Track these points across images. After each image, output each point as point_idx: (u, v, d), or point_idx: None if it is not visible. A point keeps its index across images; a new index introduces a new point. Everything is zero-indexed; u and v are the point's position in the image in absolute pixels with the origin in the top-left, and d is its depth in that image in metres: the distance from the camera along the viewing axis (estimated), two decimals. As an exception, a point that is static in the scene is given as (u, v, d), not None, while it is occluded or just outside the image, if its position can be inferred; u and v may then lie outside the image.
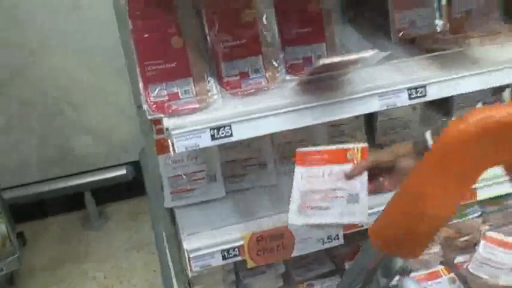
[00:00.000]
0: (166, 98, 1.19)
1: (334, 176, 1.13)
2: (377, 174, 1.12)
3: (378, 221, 0.63)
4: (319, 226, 1.13)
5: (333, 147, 1.16)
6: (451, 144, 0.58)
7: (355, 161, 1.12)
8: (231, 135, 1.16)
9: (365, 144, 1.14)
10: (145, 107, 1.18)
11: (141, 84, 1.19)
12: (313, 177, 1.14)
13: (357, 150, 1.14)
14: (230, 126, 1.16)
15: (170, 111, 1.18)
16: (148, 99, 1.19)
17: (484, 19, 1.47)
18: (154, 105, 1.19)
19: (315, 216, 1.11)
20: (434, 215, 0.59)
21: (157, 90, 1.20)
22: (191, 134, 1.13)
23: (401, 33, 1.44)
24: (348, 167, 1.12)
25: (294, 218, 1.12)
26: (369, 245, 0.64)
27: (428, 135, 1.03)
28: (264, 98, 1.21)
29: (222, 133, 1.15)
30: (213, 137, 1.15)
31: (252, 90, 1.23)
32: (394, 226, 0.62)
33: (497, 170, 0.66)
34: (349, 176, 1.10)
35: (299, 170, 1.16)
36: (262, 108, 1.18)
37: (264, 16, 1.27)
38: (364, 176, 1.09)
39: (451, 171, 0.58)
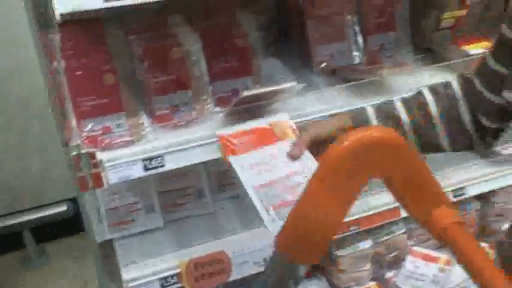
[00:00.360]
0: (100, 132, 1.24)
1: (278, 160, 1.00)
2: (317, 149, 1.02)
3: (282, 229, 0.71)
4: None
5: (254, 124, 1.05)
6: (332, 161, 0.67)
7: (287, 136, 1.03)
8: (163, 165, 1.22)
9: (285, 115, 1.07)
10: (78, 141, 1.22)
11: (74, 120, 1.23)
12: (256, 165, 0.98)
13: (280, 122, 1.06)
14: (162, 156, 1.22)
15: (103, 145, 1.23)
16: (81, 134, 1.23)
17: (395, 52, 1.62)
18: (88, 140, 1.23)
19: None
20: (325, 224, 0.67)
21: (90, 125, 1.24)
22: (124, 166, 1.18)
23: (322, 66, 1.56)
24: (284, 146, 1.01)
25: (273, 226, 0.93)
26: (277, 253, 0.71)
27: (369, 108, 1.05)
28: (194, 130, 1.29)
29: (154, 164, 1.21)
30: (145, 168, 1.20)
31: (183, 123, 1.30)
32: (294, 233, 0.69)
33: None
34: (293, 156, 0.98)
35: (236, 161, 0.99)
36: (192, 139, 1.25)
37: (193, 52, 1.35)
38: (307, 153, 0.99)
39: (336, 185, 0.67)
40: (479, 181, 1.76)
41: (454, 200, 1.73)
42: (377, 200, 1.61)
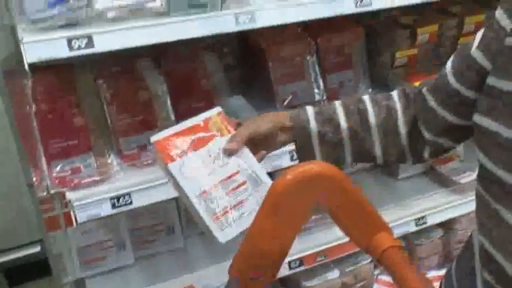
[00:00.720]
0: (69, 173, 1.29)
1: (218, 160, 0.95)
2: (255, 146, 0.99)
3: (235, 256, 0.76)
4: None
5: (189, 122, 0.98)
6: (277, 193, 0.74)
7: (223, 132, 0.98)
8: (131, 203, 1.27)
9: (218, 108, 1.01)
10: (48, 182, 1.26)
11: (43, 162, 1.28)
12: (195, 170, 0.92)
13: (215, 118, 0.99)
14: (129, 194, 1.27)
15: (72, 185, 1.27)
16: (51, 175, 1.28)
17: (354, 89, 1.72)
18: (57, 180, 1.28)
19: (238, 220, 0.92)
20: (272, 251, 0.73)
21: (60, 166, 1.29)
22: (92, 205, 1.23)
23: (285, 103, 1.64)
24: (221, 142, 0.96)
25: (222, 235, 0.89)
26: (232, 280, 0.77)
27: (309, 110, 1.03)
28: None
29: (122, 201, 1.26)
30: (113, 206, 1.25)
31: (150, 161, 1.36)
32: (246, 260, 0.75)
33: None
34: (229, 151, 0.95)
35: (175, 167, 0.91)
36: (158, 177, 1.30)
37: (159, 94, 1.42)
38: (246, 149, 0.97)
39: (282, 215, 0.74)
40: (440, 209, 1.83)
41: (416, 228, 1.80)
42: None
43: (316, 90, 1.69)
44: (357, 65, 1.74)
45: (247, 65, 1.74)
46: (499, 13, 0.83)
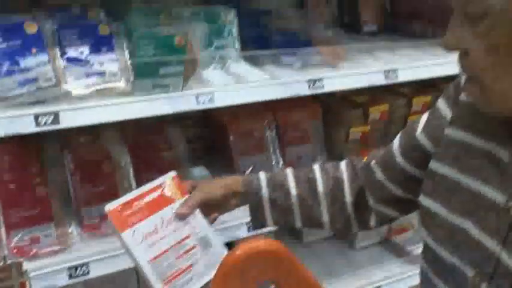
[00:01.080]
0: (28, 242, 1.31)
1: (170, 224, 0.99)
2: (207, 210, 1.04)
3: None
4: None
5: (145, 188, 1.01)
6: (227, 267, 0.81)
7: (177, 196, 1.02)
8: (88, 273, 1.29)
9: (173, 173, 1.06)
10: (6, 252, 1.28)
11: (3, 231, 1.30)
12: (148, 235, 0.95)
13: (169, 182, 1.03)
14: (87, 264, 1.29)
15: (31, 254, 1.29)
16: (10, 244, 1.30)
17: (311, 162, 1.81)
18: (16, 250, 1.29)
19: (187, 285, 0.96)
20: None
21: (19, 235, 1.31)
22: (48, 275, 1.24)
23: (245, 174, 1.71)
24: (175, 207, 1.01)
25: None
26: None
27: (262, 176, 1.09)
28: (120, 238, 1.37)
29: (79, 272, 1.28)
30: (70, 276, 1.27)
31: (110, 231, 1.39)
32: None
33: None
34: (181, 215, 1.00)
35: (128, 236, 0.94)
36: (118, 247, 1.33)
37: (122, 165, 1.47)
38: (199, 213, 1.01)
39: (232, 286, 0.80)
40: (395, 280, 1.89)
41: (373, 298, 1.84)
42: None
43: (275, 163, 1.78)
44: (314, 140, 1.85)
45: (209, 137, 1.83)
46: (441, 102, 0.92)
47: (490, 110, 0.74)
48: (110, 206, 0.97)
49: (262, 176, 1.10)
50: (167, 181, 1.04)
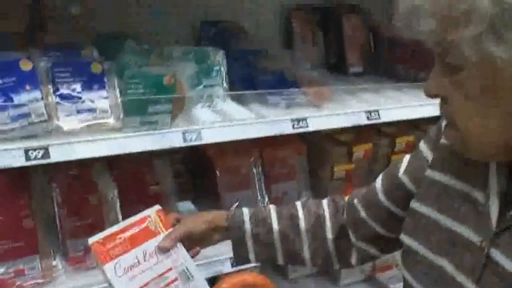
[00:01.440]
0: (12, 275, 1.31)
1: (153, 257, 1.00)
2: (190, 244, 1.06)
3: None
4: None
5: (129, 221, 1.04)
6: None
7: (160, 229, 1.04)
8: (71, 305, 1.30)
9: (157, 207, 1.08)
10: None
11: (-12, 263, 1.31)
12: (131, 268, 0.97)
13: (153, 216, 1.05)
14: (71, 297, 1.30)
15: (15, 287, 1.30)
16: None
17: (297, 198, 1.85)
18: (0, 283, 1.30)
19: None
20: None
21: (4, 268, 1.32)
22: (31, 308, 1.25)
23: (230, 210, 1.73)
24: (158, 240, 1.02)
25: None
26: None
27: (245, 211, 1.11)
28: (105, 271, 1.39)
29: (62, 304, 1.29)
30: (53, 309, 1.28)
31: (94, 265, 1.40)
32: None
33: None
34: (163, 248, 1.02)
35: (110, 269, 0.96)
36: (101, 281, 1.34)
37: (109, 199, 1.50)
38: (181, 246, 1.03)
39: None
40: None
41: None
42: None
43: (260, 199, 1.81)
44: (300, 177, 1.89)
45: (196, 172, 1.86)
46: (423, 145, 0.97)
47: (467, 155, 0.78)
48: (94, 239, 0.98)
49: (246, 211, 1.12)
50: (151, 214, 1.06)
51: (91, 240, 0.98)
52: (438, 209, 0.85)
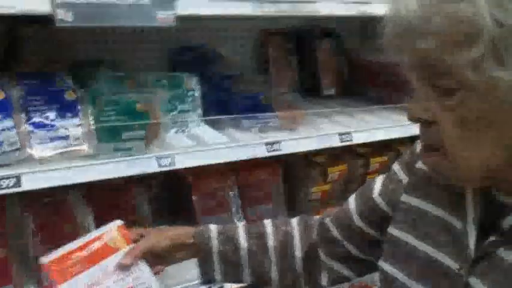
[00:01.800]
0: (-16, 305, 1.30)
1: (113, 275, 0.96)
2: (154, 260, 1.02)
3: None
4: None
5: (87, 237, 1.00)
6: None
7: (121, 245, 1.00)
8: (44, 336, 1.28)
9: (119, 222, 1.05)
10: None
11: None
12: (90, 287, 0.93)
13: (113, 231, 1.01)
14: (44, 327, 1.28)
15: (-15, 318, 1.28)
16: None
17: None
18: (-29, 314, 1.28)
19: None
20: None
21: (-25, 298, 1.30)
22: None
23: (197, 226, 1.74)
24: (118, 256, 0.98)
25: None
26: None
27: (213, 228, 1.08)
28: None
29: (35, 335, 1.27)
30: None
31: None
32: None
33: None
34: (124, 265, 0.97)
35: None
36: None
37: (85, 225, 1.49)
38: (143, 263, 0.99)
39: None
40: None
41: None
42: None
43: (237, 222, 1.81)
44: (276, 199, 1.90)
45: (173, 196, 1.86)
46: (397, 167, 0.96)
47: (449, 180, 0.75)
48: (47, 258, 0.94)
49: (213, 228, 1.09)
50: (112, 230, 1.02)
51: (43, 259, 0.93)
52: (416, 236, 0.85)
